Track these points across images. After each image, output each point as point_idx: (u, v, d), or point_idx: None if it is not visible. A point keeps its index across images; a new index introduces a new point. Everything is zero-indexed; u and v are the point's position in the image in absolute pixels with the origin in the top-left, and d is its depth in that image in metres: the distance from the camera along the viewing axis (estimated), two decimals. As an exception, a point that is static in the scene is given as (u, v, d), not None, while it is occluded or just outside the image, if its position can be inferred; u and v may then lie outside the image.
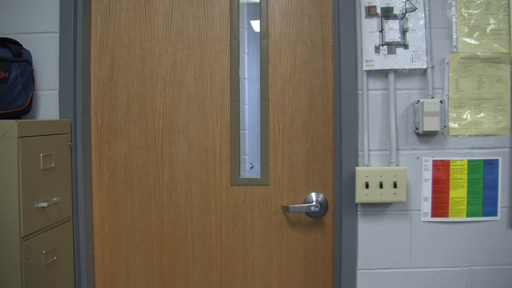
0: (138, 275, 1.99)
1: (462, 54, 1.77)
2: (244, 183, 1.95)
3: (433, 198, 1.80)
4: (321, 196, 1.93)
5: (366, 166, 1.79)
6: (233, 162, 1.94)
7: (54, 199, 1.67)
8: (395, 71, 1.78)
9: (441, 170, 1.79)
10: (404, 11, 1.77)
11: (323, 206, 1.92)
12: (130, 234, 1.98)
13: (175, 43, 1.93)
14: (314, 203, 1.90)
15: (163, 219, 1.97)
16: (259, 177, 1.95)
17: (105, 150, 1.96)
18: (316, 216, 1.94)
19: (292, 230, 1.95)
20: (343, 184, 1.80)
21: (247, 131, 1.99)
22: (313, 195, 1.93)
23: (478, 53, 1.77)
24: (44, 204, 1.59)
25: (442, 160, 1.79)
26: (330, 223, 1.94)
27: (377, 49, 1.77)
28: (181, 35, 1.93)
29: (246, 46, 1.97)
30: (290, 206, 1.89)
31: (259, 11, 1.92)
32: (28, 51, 1.77)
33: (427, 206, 1.80)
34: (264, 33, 1.92)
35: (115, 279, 1.99)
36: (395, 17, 1.77)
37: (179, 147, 1.95)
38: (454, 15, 1.77)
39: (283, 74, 1.92)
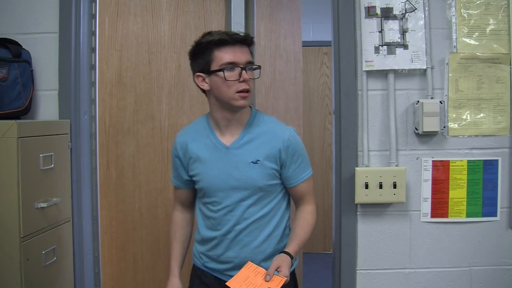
0: (145, 268, 2.06)
1: (461, 54, 1.77)
2: None
3: (432, 198, 1.80)
4: None
5: (366, 166, 1.79)
6: None
7: (54, 199, 1.66)
8: (395, 71, 1.78)
9: (441, 171, 1.79)
10: (403, 12, 1.77)
11: None
12: (137, 230, 2.05)
13: (179, 49, 2.07)
14: None
15: (168, 212, 2.04)
16: None
17: (113, 149, 2.00)
18: None
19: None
20: (342, 184, 1.80)
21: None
22: None
23: (477, 53, 1.77)
24: (44, 205, 1.59)
25: (442, 161, 1.79)
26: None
27: (376, 50, 1.77)
28: (185, 42, 2.08)
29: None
30: None
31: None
32: (27, 51, 1.77)
33: (426, 207, 1.80)
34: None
35: (123, 277, 2.03)
36: (394, 17, 1.77)
37: None
38: (453, 15, 1.77)
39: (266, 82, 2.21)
